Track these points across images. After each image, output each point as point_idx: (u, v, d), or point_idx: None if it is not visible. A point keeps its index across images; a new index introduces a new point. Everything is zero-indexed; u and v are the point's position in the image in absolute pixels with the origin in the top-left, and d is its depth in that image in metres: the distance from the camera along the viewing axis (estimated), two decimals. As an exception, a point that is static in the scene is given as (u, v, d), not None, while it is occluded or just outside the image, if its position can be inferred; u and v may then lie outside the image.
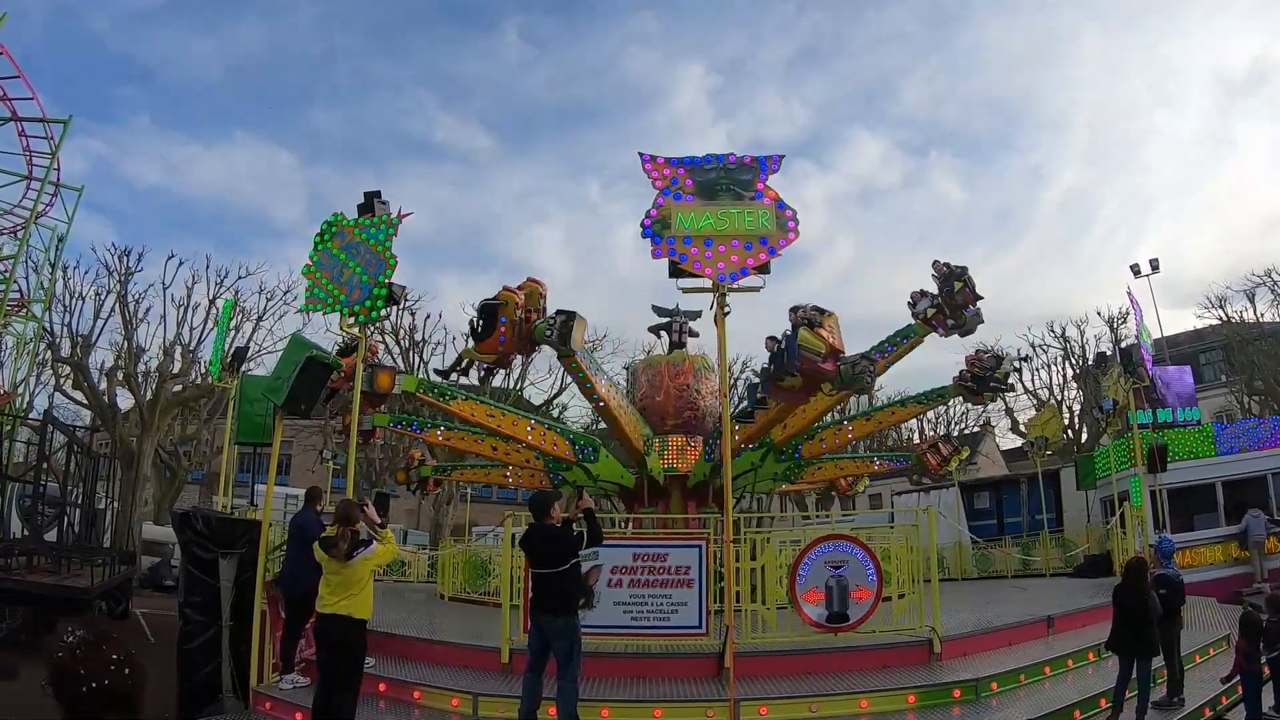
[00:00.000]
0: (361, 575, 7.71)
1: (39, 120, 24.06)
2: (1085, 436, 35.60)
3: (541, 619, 7.83)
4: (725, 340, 9.49)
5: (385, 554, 8.09)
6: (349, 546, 7.69)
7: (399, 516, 41.32)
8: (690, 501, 16.32)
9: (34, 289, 28.80)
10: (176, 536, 11.22)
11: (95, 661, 2.45)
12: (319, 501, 10.42)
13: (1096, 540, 20.54)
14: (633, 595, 9.78)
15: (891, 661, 9.84)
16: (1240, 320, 37.82)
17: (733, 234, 9.22)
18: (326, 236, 10.93)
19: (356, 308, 10.29)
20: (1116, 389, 19.04)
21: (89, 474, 19.53)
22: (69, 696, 2.47)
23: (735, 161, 9.70)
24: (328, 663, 7.83)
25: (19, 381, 29.73)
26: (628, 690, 8.99)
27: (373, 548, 7.81)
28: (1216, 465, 20.03)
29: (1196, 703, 9.75)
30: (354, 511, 8.00)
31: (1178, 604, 10.29)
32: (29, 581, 14.74)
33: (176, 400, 32.43)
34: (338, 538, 7.70)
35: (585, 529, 8.07)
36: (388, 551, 8.16)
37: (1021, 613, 12.85)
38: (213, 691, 9.79)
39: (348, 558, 7.65)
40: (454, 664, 10.06)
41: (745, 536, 10.55)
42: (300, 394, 9.59)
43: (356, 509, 8.07)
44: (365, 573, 7.75)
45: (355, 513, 7.99)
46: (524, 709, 7.72)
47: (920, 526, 10.97)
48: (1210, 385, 40.57)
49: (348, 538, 7.74)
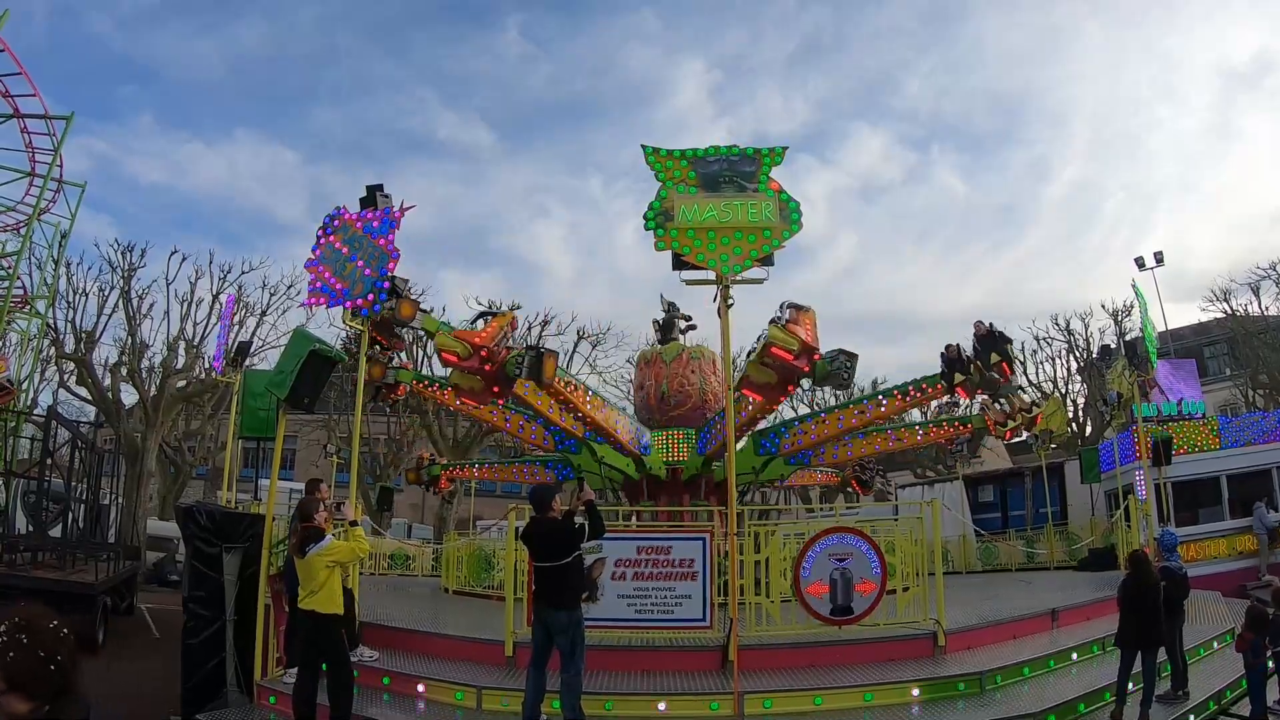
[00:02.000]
0: (318, 570, 7.74)
1: (41, 117, 24.07)
2: (1090, 429, 35.51)
3: (545, 613, 7.83)
4: (729, 333, 9.49)
5: (342, 549, 8.12)
6: (299, 540, 7.82)
7: (403, 510, 41.40)
8: (685, 495, 16.29)
9: (37, 285, 28.87)
10: (181, 531, 11.24)
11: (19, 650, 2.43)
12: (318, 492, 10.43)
13: (1101, 534, 20.53)
14: (636, 588, 9.77)
15: (896, 654, 9.83)
16: (1245, 314, 37.66)
17: (736, 226, 9.20)
18: (328, 230, 10.94)
19: (359, 301, 10.30)
20: (1121, 382, 19.00)
21: (93, 470, 19.58)
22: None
23: (738, 153, 9.68)
24: (305, 654, 7.94)
25: (23, 378, 29.80)
26: (632, 683, 8.99)
27: (325, 542, 7.87)
28: (1221, 459, 20.01)
29: (1201, 696, 9.73)
30: (308, 508, 8.16)
31: (1181, 597, 10.26)
32: (35, 577, 14.79)
33: (180, 396, 32.44)
34: (290, 533, 7.83)
35: (587, 521, 8.06)
36: (347, 549, 8.22)
37: (1026, 606, 12.84)
38: (217, 685, 9.80)
39: (300, 553, 7.72)
40: (458, 658, 10.08)
41: (749, 529, 10.53)
42: (304, 388, 9.60)
43: (313, 505, 8.23)
44: (321, 567, 7.76)
45: (310, 509, 8.14)
46: (528, 702, 7.72)
47: (924, 519, 10.93)
48: (1215, 379, 40.49)
49: (299, 532, 7.89)
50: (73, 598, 14.54)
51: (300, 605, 7.83)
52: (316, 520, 8.08)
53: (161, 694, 11.25)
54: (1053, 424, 23.96)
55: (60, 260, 29.53)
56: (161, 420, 31.04)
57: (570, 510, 8.28)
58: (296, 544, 7.79)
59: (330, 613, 7.79)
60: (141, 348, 32.16)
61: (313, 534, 7.86)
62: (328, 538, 7.96)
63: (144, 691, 12.08)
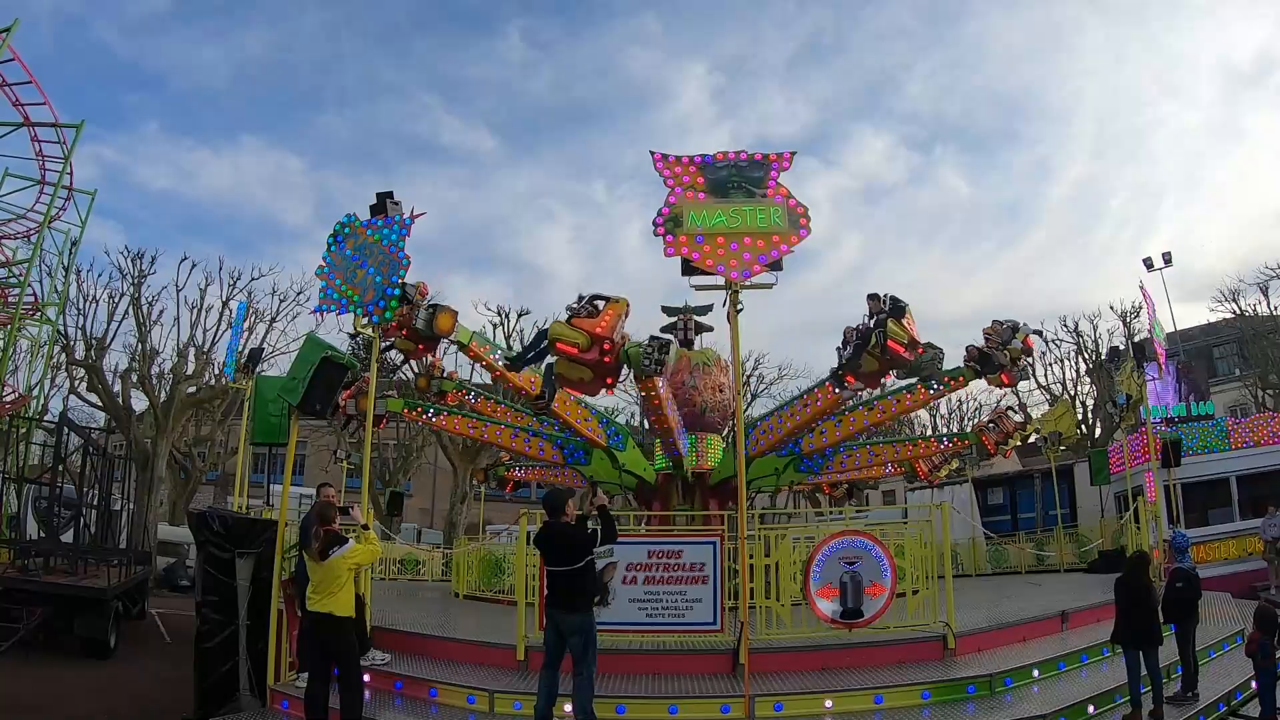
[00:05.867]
0: (339, 574, 7.84)
1: (52, 125, 24.17)
2: (1099, 431, 35.43)
3: (557, 615, 7.88)
4: (739, 338, 9.52)
5: (363, 553, 8.24)
6: (322, 545, 7.87)
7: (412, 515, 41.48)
8: (712, 500, 16.30)
9: (48, 293, 28.96)
10: (194, 536, 11.29)
11: None
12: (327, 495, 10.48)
13: (1111, 535, 20.49)
14: (648, 592, 9.80)
15: (906, 657, 9.85)
16: (1254, 314, 37.52)
17: (745, 231, 9.24)
18: (339, 238, 11.00)
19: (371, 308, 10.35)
20: (1130, 383, 18.98)
21: (104, 475, 19.63)
22: None
23: (746, 159, 9.72)
24: (316, 658, 7.98)
25: (34, 385, 29.94)
26: (643, 686, 9.02)
27: (348, 545, 7.97)
28: (1231, 459, 19.97)
29: (1211, 698, 9.73)
30: (329, 511, 8.26)
31: (1194, 598, 10.26)
32: (47, 582, 14.87)
33: (191, 401, 32.55)
34: (312, 536, 7.90)
35: (600, 526, 8.11)
36: (367, 551, 8.32)
37: (1036, 608, 12.82)
38: (230, 690, 9.87)
39: (323, 556, 7.80)
40: (470, 661, 10.11)
41: (759, 533, 10.56)
42: (316, 394, 9.65)
43: (333, 509, 8.34)
44: (342, 571, 7.86)
45: (331, 512, 8.25)
46: (540, 705, 7.76)
47: (934, 522, 10.95)
48: (1224, 379, 40.37)
49: (321, 537, 7.94)
50: (84, 603, 14.64)
51: (314, 608, 7.87)
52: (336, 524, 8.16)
53: (174, 698, 11.33)
54: (1062, 426, 23.95)
55: (71, 267, 29.64)
56: (172, 426, 31.16)
57: (584, 515, 8.33)
58: (320, 547, 7.83)
59: (345, 615, 7.89)
60: (152, 354, 32.29)
61: (335, 538, 7.94)
62: (349, 541, 8.03)
63: (156, 695, 12.17)
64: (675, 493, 16.53)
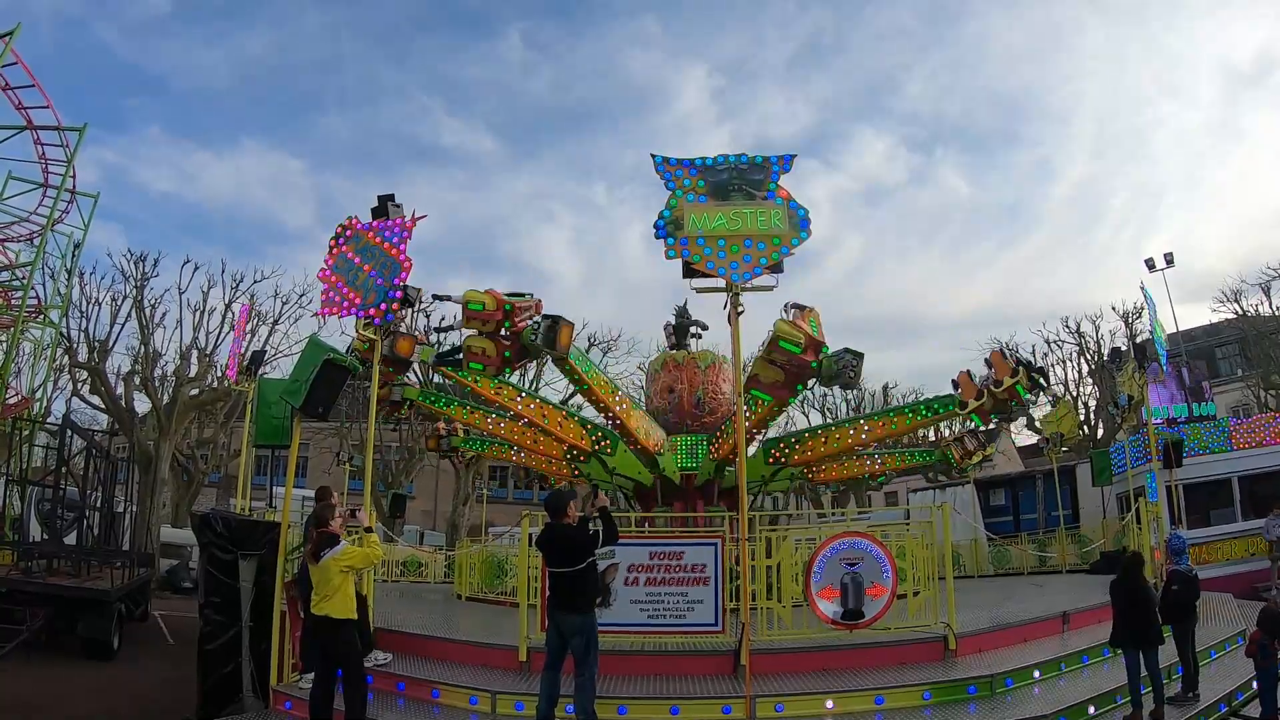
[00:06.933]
0: (332, 575, 7.87)
1: (54, 128, 24.24)
2: (1101, 432, 35.41)
3: (559, 617, 7.91)
4: (739, 340, 9.54)
5: (357, 555, 8.25)
6: (314, 546, 7.95)
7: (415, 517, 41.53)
8: (699, 500, 16.31)
9: (51, 295, 29.07)
10: (196, 538, 11.34)
11: None
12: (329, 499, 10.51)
13: (1113, 536, 20.48)
14: (649, 593, 9.81)
15: (907, 658, 9.85)
16: (1256, 314, 37.48)
17: (746, 234, 9.27)
18: (341, 241, 11.03)
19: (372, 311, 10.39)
20: (1132, 384, 18.97)
21: (107, 477, 19.69)
22: None
23: (747, 161, 9.75)
24: (320, 660, 8.05)
25: (37, 387, 30.03)
26: (645, 687, 9.04)
27: (340, 547, 8.01)
28: (1233, 460, 19.95)
29: (1211, 698, 9.74)
30: (324, 514, 8.30)
31: (1191, 600, 10.26)
32: (51, 584, 14.92)
33: (193, 403, 32.63)
34: (305, 539, 7.95)
35: (601, 527, 8.14)
36: (361, 554, 8.34)
37: (1037, 609, 12.81)
38: (233, 691, 9.91)
39: (315, 558, 7.83)
40: (472, 663, 10.12)
41: (760, 535, 10.57)
42: (319, 396, 9.68)
43: (328, 511, 8.36)
44: (336, 572, 7.89)
45: (326, 515, 8.28)
46: (542, 706, 7.79)
47: (935, 523, 10.97)
48: (1226, 379, 40.34)
49: (313, 538, 8.01)
50: (87, 604, 14.69)
51: (313, 610, 7.95)
52: (332, 526, 8.20)
53: (175, 699, 11.37)
54: (1063, 427, 23.95)
55: (74, 270, 29.73)
56: (174, 428, 31.23)
57: (585, 516, 8.36)
58: (312, 549, 7.90)
59: (343, 617, 7.92)
60: (154, 356, 32.36)
61: (327, 539, 7.98)
62: (342, 543, 8.08)
63: (158, 696, 12.22)
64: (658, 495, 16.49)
